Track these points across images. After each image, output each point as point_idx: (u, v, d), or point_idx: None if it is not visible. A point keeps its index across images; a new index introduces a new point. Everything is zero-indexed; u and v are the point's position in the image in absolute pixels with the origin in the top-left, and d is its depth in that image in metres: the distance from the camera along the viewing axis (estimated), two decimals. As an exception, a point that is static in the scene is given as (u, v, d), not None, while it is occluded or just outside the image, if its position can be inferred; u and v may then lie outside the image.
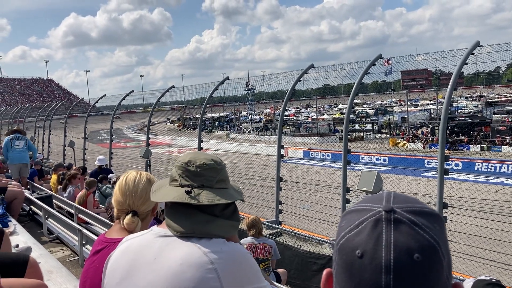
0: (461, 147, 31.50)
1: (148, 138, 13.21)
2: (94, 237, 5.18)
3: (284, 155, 9.48)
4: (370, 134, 42.24)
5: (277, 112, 49.47)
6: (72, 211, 7.85)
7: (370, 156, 27.43)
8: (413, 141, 34.79)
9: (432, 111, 44.75)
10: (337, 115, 53.08)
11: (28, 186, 10.21)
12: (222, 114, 71.00)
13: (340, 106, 63.88)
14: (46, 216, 7.23)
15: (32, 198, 8.18)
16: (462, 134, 33.92)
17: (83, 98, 34.08)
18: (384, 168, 21.86)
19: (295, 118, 60.15)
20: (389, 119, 44.88)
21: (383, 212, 0.68)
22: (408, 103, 48.18)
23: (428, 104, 54.59)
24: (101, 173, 10.40)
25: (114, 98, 17.29)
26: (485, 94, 69.21)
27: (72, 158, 16.74)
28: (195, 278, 1.24)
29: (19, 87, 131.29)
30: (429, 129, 37.75)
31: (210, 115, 66.58)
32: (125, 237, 1.48)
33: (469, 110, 46.14)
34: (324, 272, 0.75)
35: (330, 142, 34.62)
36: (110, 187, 9.37)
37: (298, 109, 72.51)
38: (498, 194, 16.32)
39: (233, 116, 67.24)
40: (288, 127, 47.96)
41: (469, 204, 12.52)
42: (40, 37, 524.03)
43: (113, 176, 9.92)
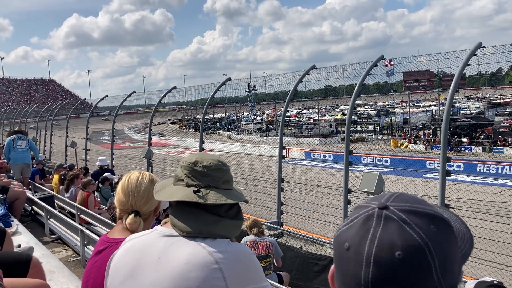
0: (463, 149, 31.45)
1: (150, 138, 13.20)
2: (96, 237, 5.18)
3: (285, 156, 9.48)
4: (372, 135, 42.20)
5: (279, 113, 49.44)
6: (74, 212, 7.87)
7: (372, 157, 27.43)
8: (415, 142, 34.76)
9: (434, 112, 44.66)
10: (338, 116, 53.09)
11: (30, 186, 10.23)
12: (223, 115, 71.05)
13: (341, 107, 63.81)
14: (48, 217, 7.25)
15: (34, 198, 8.21)
16: (464, 135, 33.88)
17: (85, 99, 34.10)
18: (386, 169, 21.85)
19: (297, 119, 60.19)
20: (391, 120, 44.84)
21: (377, 208, 0.70)
22: (410, 104, 48.16)
23: (430, 105, 54.46)
24: (103, 174, 10.40)
25: (116, 99, 17.31)
26: (487, 96, 69.23)
27: (74, 159, 16.76)
28: (200, 278, 1.24)
29: (21, 87, 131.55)
30: (431, 130, 37.70)
31: (211, 116, 66.60)
32: (128, 237, 1.48)
33: (471, 112, 46.14)
34: (332, 267, 0.80)
35: (331, 143, 34.58)
36: (109, 189, 9.40)
37: (300, 110, 72.52)
38: (500, 196, 16.29)
39: (234, 117, 67.31)
40: (290, 128, 47.95)
41: (471, 205, 12.51)
42: (42, 37, 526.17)
43: (114, 177, 9.93)
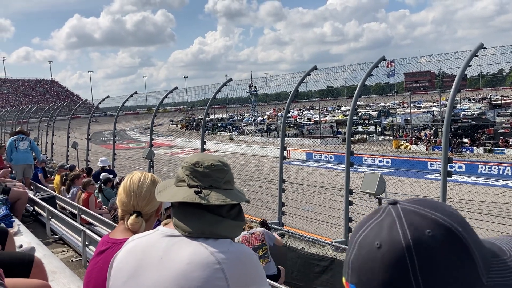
0: (464, 149, 31.42)
1: (151, 139, 13.21)
2: (97, 237, 5.19)
3: (286, 156, 9.48)
4: (373, 136, 42.18)
5: (280, 113, 49.45)
6: (75, 212, 7.88)
7: (373, 158, 27.43)
8: (416, 143, 34.72)
9: (435, 113, 44.64)
10: (340, 117, 53.03)
11: (31, 186, 10.25)
12: (225, 115, 71.07)
13: (343, 108, 63.74)
14: (50, 217, 7.25)
15: (36, 198, 8.22)
16: (466, 136, 33.84)
17: (86, 99, 34.17)
18: (387, 170, 21.84)
19: (298, 119, 60.16)
20: (392, 121, 44.81)
21: (389, 205, 0.71)
22: (411, 105, 48.15)
23: (431, 106, 54.40)
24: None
25: (117, 99, 17.35)
26: (488, 96, 69.09)
27: (75, 159, 16.78)
28: (202, 278, 1.25)
29: (23, 88, 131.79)
30: (432, 131, 37.65)
31: (213, 116, 66.62)
32: (131, 237, 1.49)
33: (473, 112, 46.07)
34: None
35: (333, 144, 34.56)
36: (111, 189, 9.41)
37: (301, 111, 72.48)
38: (502, 197, 16.25)
39: (236, 118, 67.31)
40: (291, 129, 47.96)
41: (472, 206, 12.51)
42: (44, 38, 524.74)
43: (116, 178, 9.95)
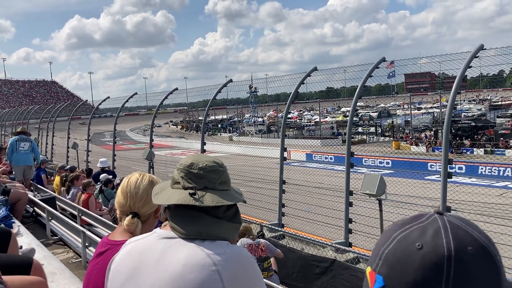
0: (464, 151, 31.42)
1: (152, 140, 13.21)
2: (97, 239, 5.19)
3: (287, 157, 9.48)
4: (373, 137, 42.20)
5: (280, 114, 49.48)
6: (75, 213, 7.87)
7: (373, 159, 27.42)
8: (417, 144, 34.72)
9: (435, 114, 44.66)
10: (340, 118, 53.05)
11: (31, 187, 10.24)
12: (225, 116, 71.08)
13: (343, 109, 63.84)
14: (50, 218, 7.25)
15: (36, 199, 8.22)
16: (466, 137, 33.84)
17: (86, 100, 34.21)
18: (387, 171, 21.83)
19: (298, 120, 60.17)
20: (392, 122, 44.82)
21: (436, 214, 0.76)
22: (412, 106, 48.13)
23: (431, 107, 54.45)
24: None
25: (117, 100, 17.34)
26: (488, 98, 69.08)
27: (76, 160, 16.77)
28: (198, 280, 1.24)
29: (23, 88, 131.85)
30: (432, 132, 37.68)
31: (213, 117, 66.65)
32: (128, 240, 1.49)
33: (473, 114, 46.06)
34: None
35: (333, 145, 34.58)
36: (111, 190, 9.40)
37: (301, 112, 72.51)
38: (502, 198, 16.24)
39: (236, 119, 67.31)
40: (291, 130, 48.00)
41: (472, 207, 12.49)
42: (44, 39, 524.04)
43: (106, 177, 9.92)
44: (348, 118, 8.13)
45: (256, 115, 61.06)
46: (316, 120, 54.85)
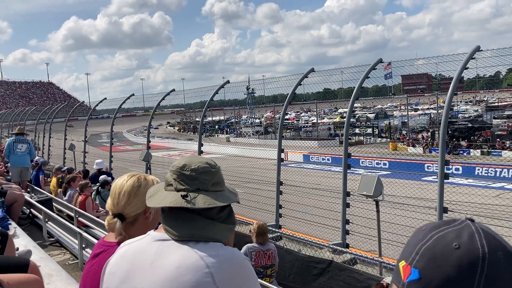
0: (461, 152, 31.52)
1: (149, 141, 13.20)
2: (94, 240, 5.17)
3: (284, 159, 9.48)
4: (370, 138, 42.31)
5: (277, 116, 49.49)
6: (72, 214, 7.85)
7: (370, 160, 27.46)
8: (413, 145, 34.81)
9: (432, 116, 44.79)
10: (337, 119, 53.08)
11: (28, 189, 10.22)
12: (222, 117, 71.04)
13: (340, 110, 63.85)
14: (46, 219, 7.23)
15: (32, 201, 8.19)
16: (462, 138, 33.94)
17: (83, 101, 34.04)
18: (384, 172, 21.90)
19: (296, 122, 60.21)
20: (389, 123, 44.90)
21: (467, 220, 0.84)
22: (408, 107, 48.23)
23: (428, 109, 54.62)
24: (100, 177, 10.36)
25: (114, 102, 17.31)
26: (485, 99, 69.25)
27: (73, 162, 16.73)
28: (191, 282, 1.24)
29: (20, 90, 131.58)
30: (429, 133, 37.77)
31: (210, 118, 66.57)
32: (123, 242, 1.49)
33: (469, 115, 46.20)
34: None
35: (330, 146, 34.66)
36: (109, 191, 9.35)
37: (299, 113, 72.51)
38: (498, 199, 16.29)
39: (233, 120, 67.28)
40: (288, 131, 48.08)
41: (469, 208, 12.53)
42: (41, 40, 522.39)
43: (109, 180, 9.89)
44: (345, 119, 8.14)
45: (253, 116, 61.01)
46: (313, 121, 54.89)
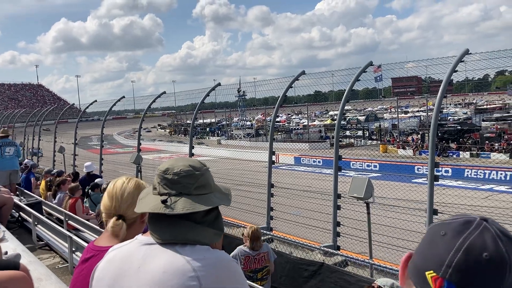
0: (450, 154, 31.78)
1: (139, 144, 13.13)
2: (84, 243, 5.13)
3: (275, 161, 9.49)
4: (361, 141, 42.47)
5: (269, 118, 49.56)
6: (61, 218, 7.78)
7: (361, 163, 27.56)
8: (404, 148, 35.01)
9: (422, 118, 45.09)
10: (328, 122, 53.29)
11: (17, 192, 10.11)
12: (213, 120, 70.96)
13: (331, 113, 64.01)
14: (36, 223, 7.16)
15: (22, 204, 8.10)
16: (452, 140, 34.22)
17: (73, 104, 33.83)
18: (374, 174, 21.99)
19: (287, 124, 60.31)
20: (380, 125, 45.14)
21: (478, 218, 0.85)
22: (399, 110, 48.57)
23: (418, 111, 55.00)
24: (90, 180, 10.29)
25: (105, 104, 17.21)
26: (474, 101, 70.03)
27: (62, 164, 16.61)
28: (178, 286, 1.23)
29: (9, 92, 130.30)
30: (419, 135, 38.01)
31: (201, 121, 66.47)
32: (111, 247, 1.48)
33: (459, 117, 46.63)
34: (407, 253, 0.92)
35: (321, 149, 34.75)
36: (99, 194, 9.30)
37: (290, 116, 72.72)
38: (488, 201, 16.45)
39: (224, 122, 67.25)
40: (279, 133, 48.10)
41: (459, 210, 12.61)
42: (30, 42, 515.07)
43: (103, 183, 9.84)
44: (336, 121, 8.17)
45: (244, 118, 61.06)
46: (304, 123, 54.99)
